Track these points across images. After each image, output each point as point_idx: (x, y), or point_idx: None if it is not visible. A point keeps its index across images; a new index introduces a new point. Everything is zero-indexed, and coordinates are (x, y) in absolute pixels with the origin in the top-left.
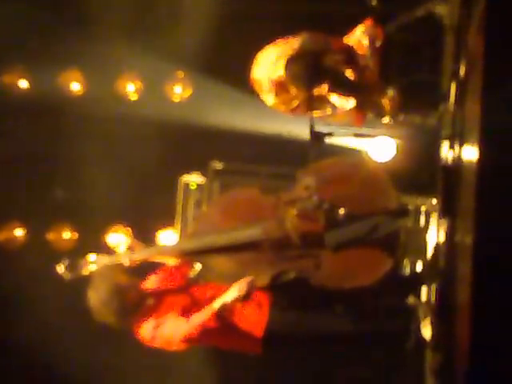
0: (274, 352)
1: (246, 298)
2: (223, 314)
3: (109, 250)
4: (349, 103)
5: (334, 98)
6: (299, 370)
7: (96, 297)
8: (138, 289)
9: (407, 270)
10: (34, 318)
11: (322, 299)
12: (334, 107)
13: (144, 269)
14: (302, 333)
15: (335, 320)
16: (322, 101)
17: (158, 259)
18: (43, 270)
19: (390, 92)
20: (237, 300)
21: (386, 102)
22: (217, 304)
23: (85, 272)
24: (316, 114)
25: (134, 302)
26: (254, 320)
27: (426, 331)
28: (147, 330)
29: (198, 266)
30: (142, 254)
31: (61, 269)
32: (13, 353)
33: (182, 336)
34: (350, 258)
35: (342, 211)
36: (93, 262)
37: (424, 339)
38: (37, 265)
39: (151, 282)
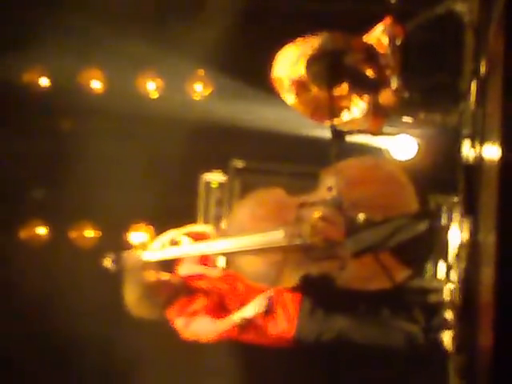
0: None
1: (266, 313)
2: (244, 326)
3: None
4: (367, 108)
5: (353, 102)
6: (314, 371)
7: (129, 297)
8: (169, 282)
9: (430, 270)
10: (58, 315)
11: (347, 300)
12: (352, 112)
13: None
14: (328, 334)
15: (359, 320)
16: (342, 103)
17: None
18: (66, 268)
19: (394, 83)
20: (257, 315)
21: (389, 95)
22: (236, 317)
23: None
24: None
25: (166, 295)
26: (284, 321)
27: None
28: (179, 327)
29: (221, 263)
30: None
31: (108, 262)
32: (37, 349)
33: (207, 335)
34: (373, 261)
35: (361, 216)
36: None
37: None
38: (59, 263)
39: (185, 269)
